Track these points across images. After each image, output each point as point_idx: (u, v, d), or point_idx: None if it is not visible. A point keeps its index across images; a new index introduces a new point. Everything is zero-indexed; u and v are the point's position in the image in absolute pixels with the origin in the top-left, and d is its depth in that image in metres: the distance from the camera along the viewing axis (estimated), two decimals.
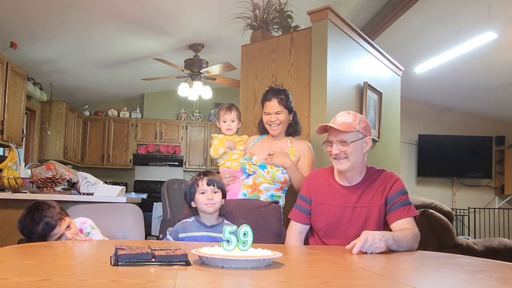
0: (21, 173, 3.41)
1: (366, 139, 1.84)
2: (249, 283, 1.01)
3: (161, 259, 1.11)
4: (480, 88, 6.63)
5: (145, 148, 7.81)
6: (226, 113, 2.57)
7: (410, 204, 1.81)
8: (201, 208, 1.92)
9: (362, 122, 1.84)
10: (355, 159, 1.81)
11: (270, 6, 3.35)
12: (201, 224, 1.92)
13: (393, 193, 1.81)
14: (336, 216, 1.85)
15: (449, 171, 7.61)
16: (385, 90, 3.53)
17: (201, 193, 1.92)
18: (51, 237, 1.71)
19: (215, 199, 1.91)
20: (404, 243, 1.65)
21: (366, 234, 1.53)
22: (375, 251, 1.51)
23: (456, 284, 1.12)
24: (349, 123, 1.82)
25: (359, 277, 1.17)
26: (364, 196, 1.84)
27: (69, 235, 1.74)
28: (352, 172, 1.86)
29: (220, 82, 5.89)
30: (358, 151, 1.82)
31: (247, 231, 1.20)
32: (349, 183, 1.88)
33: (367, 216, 1.82)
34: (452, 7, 4.59)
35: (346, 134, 1.80)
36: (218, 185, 1.94)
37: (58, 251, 1.45)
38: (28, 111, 6.10)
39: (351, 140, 1.80)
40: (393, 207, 1.80)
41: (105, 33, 5.06)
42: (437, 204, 3.87)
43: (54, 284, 0.92)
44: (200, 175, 1.97)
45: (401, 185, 1.85)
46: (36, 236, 1.69)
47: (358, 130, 1.81)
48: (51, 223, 1.70)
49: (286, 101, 2.39)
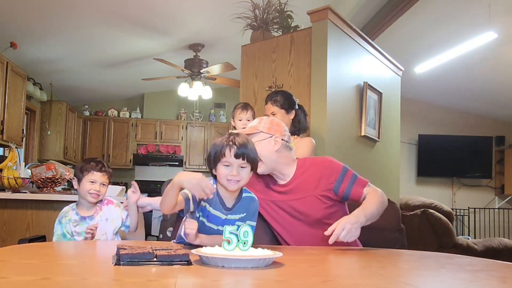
0: (21, 173, 3.40)
1: (275, 138, 1.86)
2: (250, 282, 1.01)
3: (163, 258, 1.12)
4: (480, 88, 6.63)
5: (145, 148, 7.81)
6: (242, 112, 2.62)
7: (357, 176, 1.85)
8: (222, 182, 1.54)
9: (267, 123, 1.89)
10: (267, 159, 1.84)
11: (270, 6, 3.36)
12: (221, 202, 1.57)
13: (335, 179, 1.83)
14: (280, 214, 1.88)
15: (449, 171, 7.61)
16: (385, 90, 3.53)
17: (225, 165, 1.52)
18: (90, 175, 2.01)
19: (241, 175, 1.51)
20: (376, 213, 1.74)
21: (343, 223, 1.59)
22: (350, 240, 1.59)
23: (456, 283, 1.12)
24: (253, 126, 1.90)
25: (359, 277, 1.17)
26: (300, 187, 1.86)
27: (99, 188, 2.02)
28: (277, 172, 1.89)
29: (220, 82, 5.90)
30: (267, 150, 1.84)
31: (247, 231, 1.21)
32: (284, 181, 1.91)
33: (309, 206, 1.83)
34: (452, 7, 4.60)
35: (252, 136, 1.85)
36: (250, 158, 1.52)
37: (58, 251, 1.45)
38: (28, 111, 6.10)
39: (255, 140, 1.82)
40: (346, 189, 1.82)
41: (105, 33, 5.06)
42: (437, 204, 3.88)
43: (55, 283, 0.92)
44: (230, 140, 1.52)
45: (337, 166, 1.87)
46: (83, 168, 2.03)
47: (261, 131, 1.87)
48: (100, 167, 2.04)
49: (281, 101, 2.48)
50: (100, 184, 2.03)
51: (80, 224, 2.02)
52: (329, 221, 1.75)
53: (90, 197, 2.02)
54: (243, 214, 1.58)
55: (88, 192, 2.01)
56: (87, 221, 2.01)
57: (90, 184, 2.01)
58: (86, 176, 2.01)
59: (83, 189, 2.02)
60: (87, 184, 2.01)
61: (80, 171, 2.04)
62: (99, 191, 2.02)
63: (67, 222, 2.02)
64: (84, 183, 2.02)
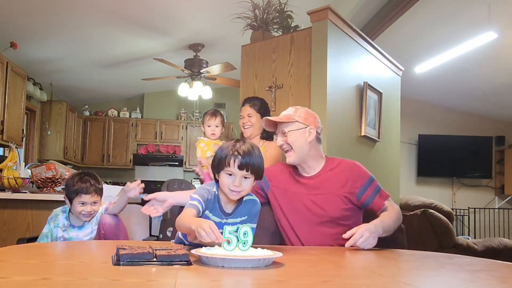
0: (21, 173, 3.40)
1: (309, 129, 1.86)
2: (249, 282, 1.01)
3: (162, 258, 1.12)
4: (480, 88, 6.63)
5: (145, 148, 7.81)
6: (211, 118, 2.80)
7: (380, 188, 1.87)
8: (224, 190, 1.51)
9: (303, 113, 1.89)
10: (299, 149, 1.85)
11: (270, 6, 3.36)
12: (221, 210, 1.56)
13: (361, 185, 1.84)
14: (299, 204, 1.87)
15: (449, 171, 7.61)
16: (385, 90, 3.53)
17: (228, 174, 1.49)
18: (79, 198, 1.99)
19: (243, 185, 1.48)
20: (392, 227, 1.76)
21: (363, 230, 1.60)
22: (366, 247, 1.60)
23: (456, 283, 1.12)
24: (288, 114, 1.89)
25: (359, 277, 1.17)
26: (325, 184, 1.86)
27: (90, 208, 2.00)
28: (305, 164, 1.89)
29: (220, 82, 5.89)
30: (300, 141, 1.85)
31: (247, 231, 1.20)
32: (308, 174, 1.91)
33: (329, 204, 1.83)
34: (452, 7, 4.59)
35: (286, 125, 1.87)
36: (254, 170, 1.48)
37: (58, 251, 1.45)
38: (28, 111, 6.10)
39: (289, 130, 1.86)
40: (369, 198, 1.83)
41: (105, 33, 5.06)
42: (437, 204, 3.88)
43: (55, 283, 0.92)
44: (235, 150, 1.47)
45: (365, 174, 1.88)
46: (71, 190, 1.99)
47: (297, 121, 1.87)
48: (88, 188, 2.00)
49: (258, 106, 2.63)
50: (91, 203, 2.01)
51: (68, 230, 2.03)
52: (342, 222, 1.79)
53: (83, 217, 2.03)
54: (244, 217, 1.57)
55: (80, 213, 2.01)
56: (76, 230, 2.03)
57: (80, 206, 2.00)
58: (75, 199, 1.99)
59: (74, 210, 2.01)
60: (78, 206, 2.00)
61: (69, 193, 2.02)
62: (91, 211, 2.02)
63: (55, 226, 2.03)
64: (74, 205, 2.00)
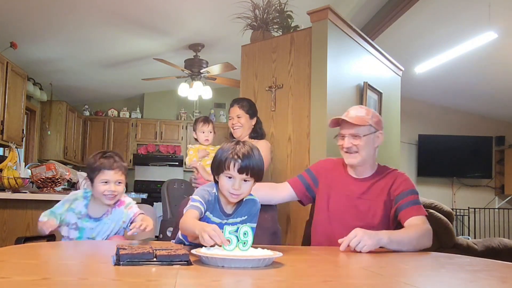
0: (21, 173, 3.40)
1: (378, 134, 1.85)
2: (250, 282, 1.01)
3: (163, 258, 1.11)
4: (480, 88, 6.63)
5: (145, 148, 7.81)
6: (205, 125, 2.90)
7: (419, 204, 1.79)
8: (224, 192, 1.51)
9: (375, 116, 1.86)
10: (366, 153, 1.82)
11: (270, 6, 3.36)
12: (221, 210, 1.56)
13: (401, 191, 1.80)
14: (341, 203, 1.85)
15: (449, 171, 7.61)
16: (385, 90, 3.53)
17: (227, 177, 1.48)
18: (101, 175, 1.80)
19: (242, 189, 1.48)
20: (406, 241, 1.62)
21: (356, 231, 1.54)
22: (363, 249, 1.50)
23: (456, 283, 1.12)
24: (362, 117, 1.82)
25: (359, 276, 1.17)
26: (371, 189, 1.83)
27: (114, 187, 1.80)
28: (362, 167, 1.87)
29: (220, 82, 5.90)
30: (370, 145, 1.83)
31: (247, 231, 1.20)
32: (358, 176, 1.88)
33: (371, 209, 1.81)
34: (452, 7, 4.59)
35: (359, 127, 1.81)
36: (254, 173, 1.47)
37: (58, 251, 1.45)
38: (28, 111, 6.10)
39: (363, 134, 1.81)
40: (402, 206, 1.78)
41: (105, 33, 5.06)
42: (437, 204, 3.87)
43: (55, 282, 0.92)
44: (235, 153, 1.46)
45: (410, 185, 1.84)
46: (93, 167, 1.81)
47: (370, 124, 1.82)
48: (112, 164, 1.81)
49: (247, 107, 2.70)
50: (115, 182, 1.80)
51: (83, 219, 1.84)
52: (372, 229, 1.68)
53: (106, 199, 1.81)
54: (244, 217, 1.57)
55: (103, 194, 1.80)
56: (92, 222, 1.84)
57: (103, 185, 1.79)
58: (97, 177, 1.79)
59: (96, 191, 1.81)
60: (100, 185, 1.79)
61: (91, 171, 1.82)
62: (115, 191, 1.80)
63: (70, 210, 1.84)
64: (96, 184, 1.80)
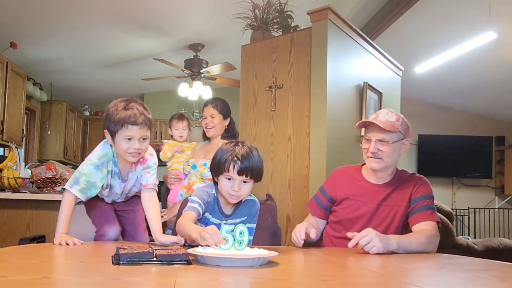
0: (21, 173, 3.40)
1: (405, 141, 1.81)
2: (249, 281, 1.01)
3: (162, 258, 1.12)
4: (480, 88, 6.63)
5: None
6: (179, 122, 2.95)
7: (433, 210, 1.76)
8: (223, 193, 1.52)
9: (404, 123, 1.81)
10: (391, 160, 1.78)
11: (270, 6, 3.35)
12: (220, 211, 1.57)
13: (418, 195, 1.78)
14: (360, 211, 1.81)
15: (449, 171, 7.61)
16: (385, 90, 3.53)
17: (227, 179, 1.49)
18: (124, 131, 1.53)
19: (242, 190, 1.49)
20: (412, 247, 1.61)
21: (368, 230, 1.51)
22: (371, 251, 1.48)
23: (456, 282, 1.12)
24: (392, 122, 1.76)
25: (358, 276, 1.17)
26: (392, 195, 1.81)
27: (138, 145, 1.56)
28: (384, 172, 1.82)
29: (220, 82, 5.89)
30: (396, 153, 1.78)
31: (243, 230, 1.21)
32: (377, 182, 1.84)
33: (391, 216, 1.78)
34: (452, 7, 4.59)
35: (388, 133, 1.75)
36: (253, 174, 1.48)
37: (58, 251, 1.45)
38: (28, 111, 6.10)
39: (392, 141, 1.76)
40: (415, 209, 1.76)
41: (105, 33, 5.06)
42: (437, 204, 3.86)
43: (54, 282, 0.92)
44: (234, 155, 1.46)
45: (427, 189, 1.81)
46: (114, 120, 1.53)
47: (400, 131, 1.77)
48: (137, 118, 1.52)
49: (221, 107, 2.70)
50: (139, 139, 1.57)
51: (114, 177, 1.66)
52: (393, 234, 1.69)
53: (130, 157, 1.59)
54: (244, 218, 1.58)
55: (126, 152, 1.57)
56: (120, 181, 1.67)
57: (126, 142, 1.55)
58: (119, 132, 1.54)
59: (119, 147, 1.58)
60: (123, 142, 1.55)
61: (113, 123, 1.54)
62: (139, 148, 1.57)
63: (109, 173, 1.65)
64: (119, 140, 1.56)
